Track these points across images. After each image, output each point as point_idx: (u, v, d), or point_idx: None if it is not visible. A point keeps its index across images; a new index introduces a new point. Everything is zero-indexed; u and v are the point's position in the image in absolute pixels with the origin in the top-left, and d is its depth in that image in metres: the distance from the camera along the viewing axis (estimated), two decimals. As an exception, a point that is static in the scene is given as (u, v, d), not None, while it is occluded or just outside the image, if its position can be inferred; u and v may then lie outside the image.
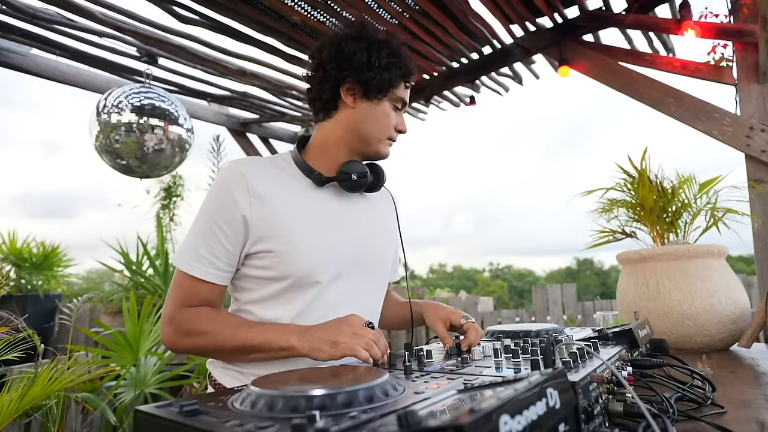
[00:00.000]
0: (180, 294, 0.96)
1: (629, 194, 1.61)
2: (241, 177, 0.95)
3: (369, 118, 1.04)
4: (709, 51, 2.58)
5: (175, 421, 0.43)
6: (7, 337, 1.80)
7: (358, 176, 1.03)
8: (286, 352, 0.88)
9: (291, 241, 0.96)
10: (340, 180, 1.04)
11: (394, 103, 1.06)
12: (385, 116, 1.05)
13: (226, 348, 0.92)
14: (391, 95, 1.05)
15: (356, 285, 1.05)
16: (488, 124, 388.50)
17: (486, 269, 63.71)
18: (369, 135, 1.05)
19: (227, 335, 0.91)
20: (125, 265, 3.80)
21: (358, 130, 1.04)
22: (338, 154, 1.06)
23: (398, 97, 1.06)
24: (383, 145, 1.07)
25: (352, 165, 1.04)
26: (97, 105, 2.81)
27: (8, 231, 3.69)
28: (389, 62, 1.02)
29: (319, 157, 1.07)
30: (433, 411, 0.43)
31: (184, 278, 0.96)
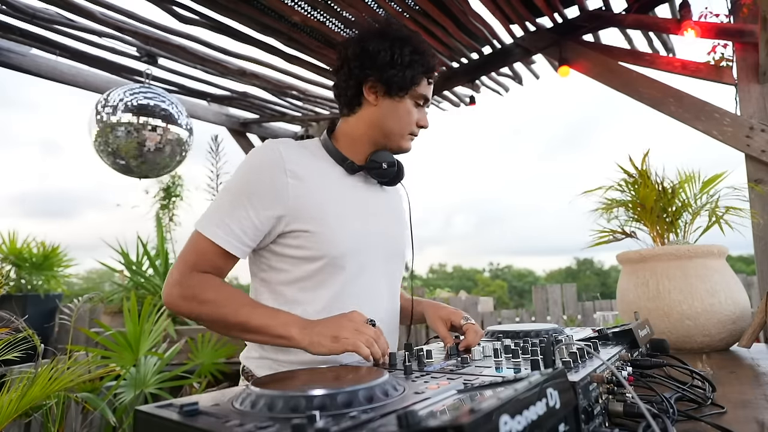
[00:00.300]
0: (193, 257, 0.95)
1: (629, 194, 1.61)
2: (280, 156, 0.97)
3: (391, 115, 1.07)
4: (709, 51, 2.59)
5: (175, 421, 0.43)
6: (7, 337, 1.80)
7: (388, 165, 1.09)
8: (284, 341, 0.88)
9: (326, 222, 0.98)
10: (370, 168, 1.09)
11: (416, 99, 1.08)
12: (407, 113, 1.07)
13: (226, 322, 0.91)
14: (412, 92, 1.06)
15: (380, 274, 1.09)
16: (488, 124, 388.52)
17: (486, 269, 63.73)
18: (391, 131, 1.08)
19: (230, 309, 0.91)
20: (125, 265, 3.80)
21: (380, 126, 1.08)
22: (363, 147, 1.11)
23: (420, 94, 1.08)
24: (405, 140, 1.10)
25: (381, 154, 1.09)
26: (96, 105, 2.81)
27: (8, 231, 3.68)
28: (411, 60, 1.04)
29: (349, 147, 1.11)
30: (433, 411, 0.43)
31: (203, 243, 0.95)
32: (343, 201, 1.04)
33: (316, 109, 4.22)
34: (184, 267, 0.95)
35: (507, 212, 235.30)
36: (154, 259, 3.77)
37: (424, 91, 1.08)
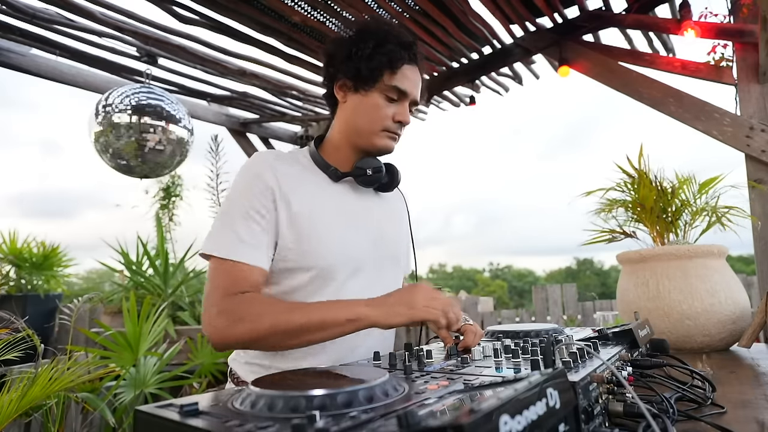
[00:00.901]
0: (225, 281, 0.90)
1: (629, 194, 1.61)
2: (271, 168, 0.98)
3: (359, 111, 1.04)
4: (709, 51, 2.59)
5: (175, 421, 0.43)
6: (7, 338, 1.80)
7: (373, 171, 1.05)
8: (354, 323, 0.84)
9: (314, 234, 0.97)
10: (356, 175, 1.06)
11: (387, 93, 1.03)
12: (374, 107, 1.03)
13: (287, 329, 0.85)
14: (380, 86, 1.02)
15: (373, 279, 1.07)
16: (488, 124, 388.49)
17: (486, 269, 63.73)
18: (361, 128, 1.05)
19: (285, 316, 0.85)
20: (125, 265, 3.80)
21: (351, 123, 1.06)
22: (345, 151, 1.08)
23: (390, 87, 1.02)
24: (379, 138, 1.05)
25: (367, 161, 1.06)
26: (96, 105, 2.81)
27: (8, 231, 3.68)
28: (373, 52, 1.00)
29: (333, 154, 1.09)
30: (433, 411, 0.43)
31: (228, 266, 0.91)
32: (330, 209, 1.02)
33: (316, 109, 4.21)
34: (222, 295, 0.89)
35: (507, 212, 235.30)
36: (154, 259, 3.76)
37: (397, 83, 1.02)
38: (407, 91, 1.04)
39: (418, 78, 1.07)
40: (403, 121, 1.05)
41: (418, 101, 1.08)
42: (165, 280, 3.64)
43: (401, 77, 1.03)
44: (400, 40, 1.03)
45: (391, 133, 1.06)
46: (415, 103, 1.08)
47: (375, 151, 1.07)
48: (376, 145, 1.06)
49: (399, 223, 1.20)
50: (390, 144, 1.07)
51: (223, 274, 0.91)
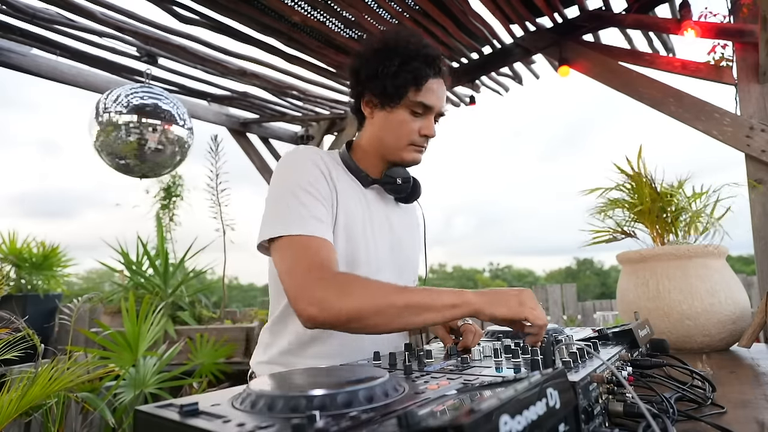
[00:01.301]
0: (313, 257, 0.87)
1: (628, 195, 1.61)
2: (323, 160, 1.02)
3: (386, 127, 1.07)
4: (709, 51, 2.58)
5: (175, 421, 0.43)
6: (7, 337, 1.80)
7: (403, 181, 1.09)
8: (458, 309, 0.83)
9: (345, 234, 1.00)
10: (384, 183, 1.10)
11: (413, 108, 1.05)
12: (401, 123, 1.06)
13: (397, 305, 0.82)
14: (406, 101, 1.04)
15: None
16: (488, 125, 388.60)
17: (486, 269, 63.70)
18: (388, 143, 1.08)
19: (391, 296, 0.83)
20: (125, 265, 3.80)
21: (379, 139, 1.09)
22: (373, 161, 1.12)
23: (416, 102, 1.04)
24: (406, 152, 1.08)
25: (396, 170, 1.10)
26: (96, 105, 2.81)
27: (8, 231, 3.68)
28: (398, 70, 1.02)
29: (362, 160, 1.13)
30: (433, 411, 0.43)
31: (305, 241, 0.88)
32: (359, 211, 1.06)
33: (316, 109, 4.22)
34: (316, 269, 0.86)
35: (507, 212, 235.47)
36: (154, 259, 3.76)
37: (422, 98, 1.04)
38: (433, 105, 1.06)
39: (443, 90, 1.09)
40: (429, 134, 1.08)
41: (444, 113, 1.11)
42: (165, 280, 3.65)
43: (426, 92, 1.05)
44: (425, 56, 1.04)
45: (418, 146, 1.09)
46: (441, 114, 1.10)
47: (403, 164, 1.11)
48: (404, 159, 1.09)
49: (414, 233, 1.24)
50: (417, 157, 1.10)
51: (304, 250, 0.88)
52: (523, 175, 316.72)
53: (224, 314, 3.87)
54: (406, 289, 0.86)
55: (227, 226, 4.01)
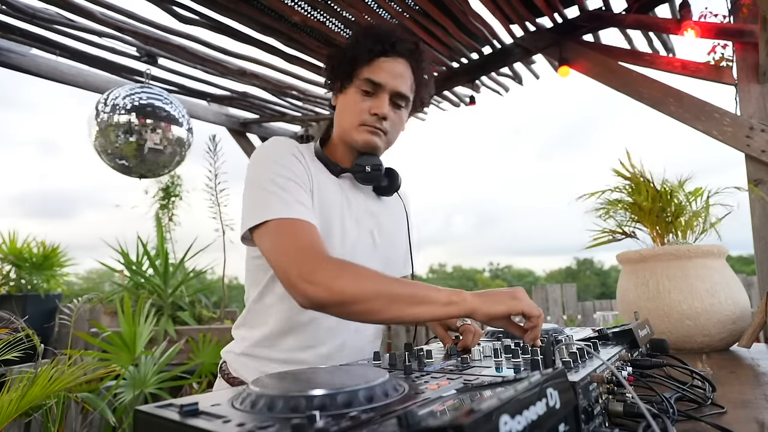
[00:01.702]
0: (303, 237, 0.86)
1: (629, 195, 1.61)
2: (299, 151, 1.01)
3: (341, 109, 1.08)
4: (709, 51, 2.59)
5: (175, 421, 0.43)
6: (7, 338, 1.80)
7: (372, 168, 1.06)
8: (454, 306, 0.83)
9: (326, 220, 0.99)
10: (354, 171, 1.07)
11: (362, 87, 1.03)
12: (352, 103, 1.04)
13: (389, 295, 0.81)
14: (356, 82, 1.03)
15: None
16: (488, 124, 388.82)
17: (486, 269, 63.72)
18: (343, 125, 1.07)
19: (389, 284, 0.83)
20: (125, 265, 3.80)
21: (338, 123, 1.10)
22: (341, 149, 1.11)
23: (364, 80, 1.02)
24: (357, 132, 1.04)
25: (365, 158, 1.07)
26: (96, 105, 2.81)
27: (8, 231, 3.68)
28: (349, 50, 1.03)
29: (332, 153, 1.12)
30: (433, 411, 0.43)
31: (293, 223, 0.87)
32: (333, 203, 1.03)
33: (316, 109, 4.22)
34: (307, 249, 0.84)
35: (507, 212, 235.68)
36: (154, 259, 3.76)
37: (369, 74, 1.01)
38: (381, 82, 1.01)
39: (399, 70, 1.03)
40: (378, 113, 1.02)
41: (405, 94, 1.05)
42: (165, 280, 3.64)
43: (375, 69, 1.02)
44: (375, 34, 1.03)
45: (370, 126, 1.04)
46: (401, 96, 1.04)
47: (359, 147, 1.06)
48: (357, 140, 1.05)
49: (398, 227, 1.20)
50: (370, 138, 1.04)
51: (294, 231, 0.86)
52: (523, 175, 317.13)
53: (224, 314, 3.87)
54: (405, 281, 0.87)
55: (227, 226, 4.01)
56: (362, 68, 1.02)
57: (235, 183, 4.65)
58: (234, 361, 1.04)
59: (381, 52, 1.02)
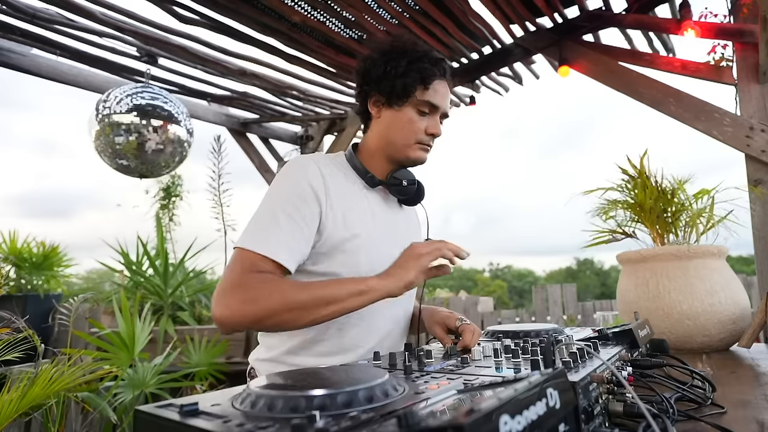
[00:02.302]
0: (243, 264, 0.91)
1: (629, 195, 1.61)
2: (317, 171, 1.01)
3: (394, 126, 1.09)
4: (709, 51, 2.58)
5: (175, 421, 0.43)
6: (8, 338, 1.80)
7: (408, 183, 1.11)
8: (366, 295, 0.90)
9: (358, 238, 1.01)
10: (391, 184, 1.11)
11: (419, 107, 1.08)
12: (408, 122, 1.07)
13: (299, 302, 0.86)
14: (413, 100, 1.07)
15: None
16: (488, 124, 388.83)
17: (486, 269, 63.67)
18: (395, 141, 1.09)
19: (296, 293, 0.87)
20: (125, 265, 3.80)
21: (386, 138, 1.10)
22: (379, 161, 1.13)
23: (422, 101, 1.07)
24: (413, 150, 1.09)
25: (402, 172, 1.12)
26: (96, 105, 2.81)
27: (8, 231, 3.68)
28: (406, 69, 1.05)
29: (368, 162, 1.13)
30: (433, 411, 0.43)
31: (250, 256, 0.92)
32: (367, 215, 1.07)
33: (316, 109, 4.22)
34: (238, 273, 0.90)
35: (507, 212, 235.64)
36: (154, 259, 3.76)
37: (429, 97, 1.07)
38: (439, 105, 1.09)
39: (447, 91, 1.12)
40: (435, 133, 1.10)
41: (448, 113, 1.14)
42: (165, 280, 3.65)
43: (432, 92, 1.08)
44: (432, 57, 1.08)
45: (424, 145, 1.10)
46: (446, 115, 1.13)
47: (409, 163, 1.12)
48: (410, 157, 1.10)
49: (418, 235, 1.25)
50: (423, 156, 1.11)
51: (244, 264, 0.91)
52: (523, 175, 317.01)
53: (224, 314, 3.86)
54: (313, 285, 0.90)
55: (228, 227, 4.01)
56: (420, 90, 1.07)
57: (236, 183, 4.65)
58: (263, 368, 1.07)
59: (439, 75, 1.08)
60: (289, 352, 1.04)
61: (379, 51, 1.10)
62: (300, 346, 1.03)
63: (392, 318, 1.11)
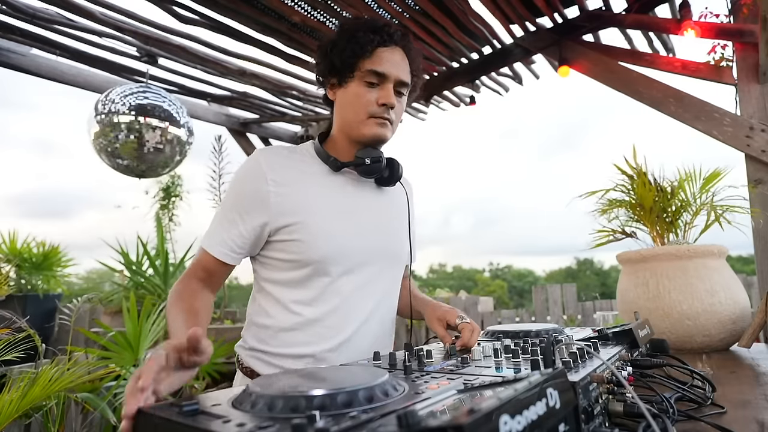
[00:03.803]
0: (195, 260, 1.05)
1: (628, 194, 1.61)
2: (258, 166, 1.02)
3: (344, 103, 1.06)
4: (709, 51, 2.58)
5: (175, 421, 0.43)
6: (8, 338, 1.80)
7: (372, 160, 1.05)
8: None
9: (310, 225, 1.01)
10: (356, 165, 1.07)
11: (365, 79, 1.03)
12: (356, 96, 1.03)
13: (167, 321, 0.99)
14: (358, 74, 1.03)
15: (373, 274, 1.09)
16: (488, 124, 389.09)
17: (486, 269, 63.66)
18: (348, 119, 1.06)
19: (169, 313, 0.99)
20: (125, 265, 3.80)
21: (342, 117, 1.08)
22: (343, 144, 1.10)
23: (367, 72, 1.02)
24: (367, 126, 1.04)
25: (366, 151, 1.07)
26: (96, 105, 2.81)
27: (8, 231, 3.68)
28: (345, 44, 1.03)
29: (333, 148, 1.11)
30: (433, 411, 0.43)
31: (202, 254, 1.04)
32: (328, 200, 1.05)
33: (316, 109, 4.22)
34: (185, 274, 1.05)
35: (507, 212, 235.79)
36: (154, 259, 3.76)
37: (372, 66, 1.02)
38: (385, 72, 1.02)
39: (397, 58, 1.05)
40: (387, 103, 1.03)
41: (406, 81, 1.06)
42: (165, 280, 3.65)
43: (377, 60, 1.02)
44: (370, 26, 1.04)
45: (378, 118, 1.04)
46: (403, 84, 1.06)
47: (368, 141, 1.06)
48: (366, 134, 1.05)
49: (400, 216, 1.19)
50: (380, 131, 1.05)
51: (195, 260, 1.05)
52: (523, 174, 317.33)
53: (224, 314, 3.87)
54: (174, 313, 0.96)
55: (228, 227, 4.00)
56: (363, 60, 1.02)
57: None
58: (244, 354, 1.09)
59: (380, 42, 1.03)
60: (263, 341, 1.06)
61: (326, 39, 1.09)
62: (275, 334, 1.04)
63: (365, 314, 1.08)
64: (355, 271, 1.05)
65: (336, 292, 1.03)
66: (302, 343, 1.02)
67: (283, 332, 1.03)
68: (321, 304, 1.02)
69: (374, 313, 1.09)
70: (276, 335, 1.04)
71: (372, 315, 1.08)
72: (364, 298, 1.07)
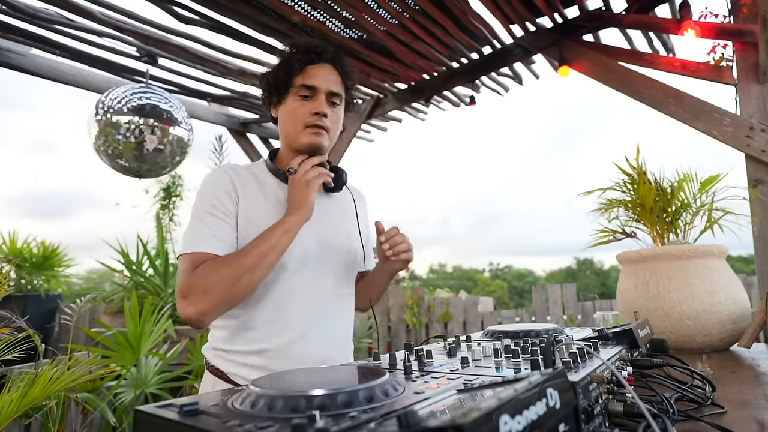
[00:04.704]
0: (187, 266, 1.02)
1: (628, 194, 1.61)
2: (225, 174, 1.13)
3: (285, 118, 1.18)
4: (709, 51, 2.58)
5: (175, 421, 0.43)
6: (8, 338, 1.80)
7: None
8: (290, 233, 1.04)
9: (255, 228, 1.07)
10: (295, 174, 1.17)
11: (299, 94, 1.15)
12: (292, 109, 1.15)
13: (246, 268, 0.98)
14: (292, 90, 1.15)
15: (320, 271, 1.16)
16: (488, 124, 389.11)
17: (486, 269, 63.64)
18: (289, 132, 1.17)
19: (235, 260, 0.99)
20: (125, 265, 3.80)
21: (284, 132, 1.19)
22: (288, 156, 1.21)
23: (300, 87, 1.14)
24: (303, 135, 1.15)
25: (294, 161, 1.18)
26: (96, 105, 2.81)
27: (9, 231, 3.69)
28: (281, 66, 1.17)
29: (280, 162, 1.22)
30: (433, 411, 0.43)
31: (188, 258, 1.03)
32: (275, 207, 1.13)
33: (316, 109, 4.21)
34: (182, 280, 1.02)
35: (507, 212, 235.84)
36: (154, 259, 3.76)
37: (303, 81, 1.14)
38: (315, 85, 1.15)
39: (326, 72, 1.17)
40: (319, 111, 1.14)
41: (337, 92, 1.18)
42: (165, 280, 3.64)
43: (307, 76, 1.15)
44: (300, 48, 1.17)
45: (312, 127, 1.14)
46: (334, 94, 1.17)
47: (306, 149, 1.16)
48: (303, 142, 1.15)
49: (348, 219, 1.28)
50: (315, 139, 1.15)
51: (186, 263, 1.03)
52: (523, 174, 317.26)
53: (224, 314, 3.86)
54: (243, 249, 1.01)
55: (228, 227, 4.00)
56: (296, 78, 1.15)
57: (235, 183, 4.64)
58: (209, 354, 1.14)
59: (309, 60, 1.16)
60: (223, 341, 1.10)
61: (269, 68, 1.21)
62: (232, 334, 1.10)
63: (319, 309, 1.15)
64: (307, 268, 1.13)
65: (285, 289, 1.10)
66: (256, 340, 1.08)
67: (240, 331, 1.09)
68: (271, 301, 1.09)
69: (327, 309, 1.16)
70: (235, 334, 1.10)
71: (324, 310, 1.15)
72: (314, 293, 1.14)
